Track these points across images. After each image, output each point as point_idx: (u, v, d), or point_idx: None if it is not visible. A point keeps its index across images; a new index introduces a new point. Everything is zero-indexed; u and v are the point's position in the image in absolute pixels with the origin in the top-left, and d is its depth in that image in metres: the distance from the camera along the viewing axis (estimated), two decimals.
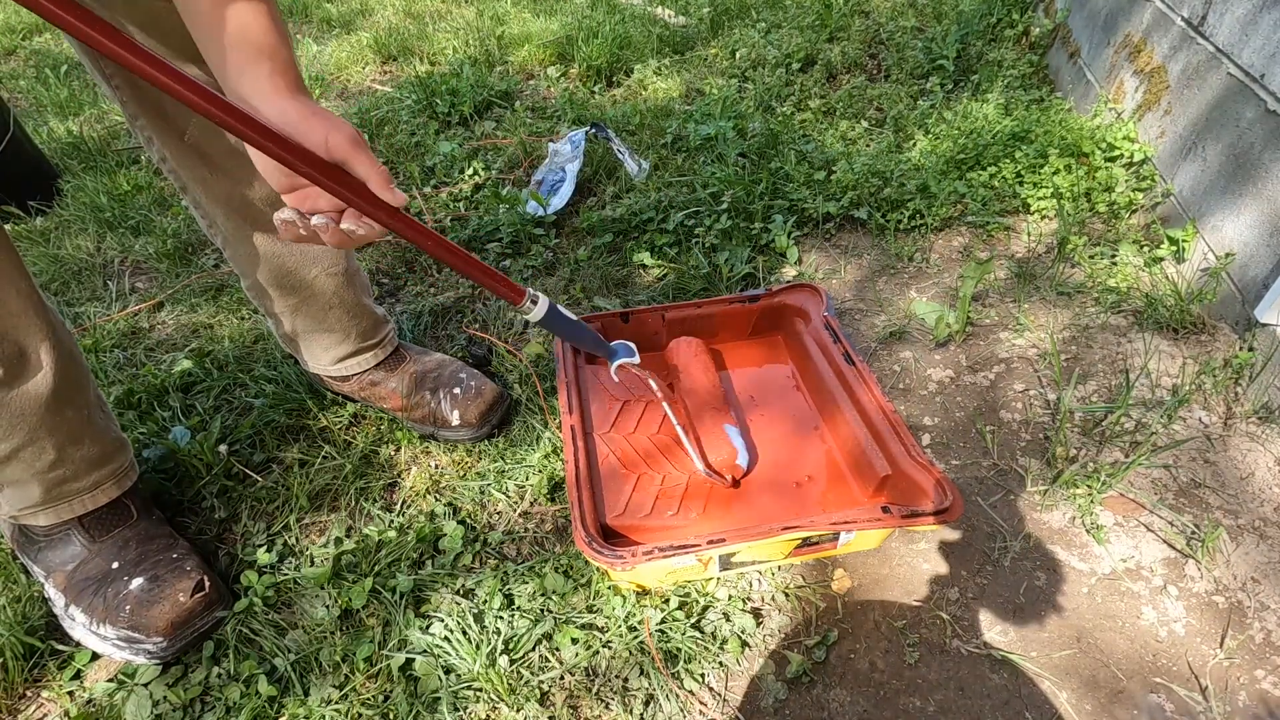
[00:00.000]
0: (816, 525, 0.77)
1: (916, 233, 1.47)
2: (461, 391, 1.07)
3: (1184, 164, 1.31)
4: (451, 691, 0.80)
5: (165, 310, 1.40)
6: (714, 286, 1.34)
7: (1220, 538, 0.91)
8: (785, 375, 1.10)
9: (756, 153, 1.65)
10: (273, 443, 1.09)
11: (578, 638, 0.84)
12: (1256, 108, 1.13)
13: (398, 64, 2.40)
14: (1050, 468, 1.01)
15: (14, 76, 2.53)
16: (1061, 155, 1.48)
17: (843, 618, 0.86)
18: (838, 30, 2.23)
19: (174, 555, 0.88)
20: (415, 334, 1.30)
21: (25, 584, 0.90)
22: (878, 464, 0.87)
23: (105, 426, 0.90)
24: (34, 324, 0.79)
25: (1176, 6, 1.40)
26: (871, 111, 1.87)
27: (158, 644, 0.81)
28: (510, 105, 2.02)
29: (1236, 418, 1.04)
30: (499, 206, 1.51)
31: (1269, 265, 1.07)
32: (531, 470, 1.03)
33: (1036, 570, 0.90)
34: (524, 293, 0.70)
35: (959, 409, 1.11)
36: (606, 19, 2.41)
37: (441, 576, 0.91)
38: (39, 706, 0.83)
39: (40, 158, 1.76)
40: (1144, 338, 1.18)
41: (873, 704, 0.79)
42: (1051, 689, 0.79)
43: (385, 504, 1.02)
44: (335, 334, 1.05)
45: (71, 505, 0.87)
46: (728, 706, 0.79)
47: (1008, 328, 1.24)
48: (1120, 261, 1.31)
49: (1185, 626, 0.83)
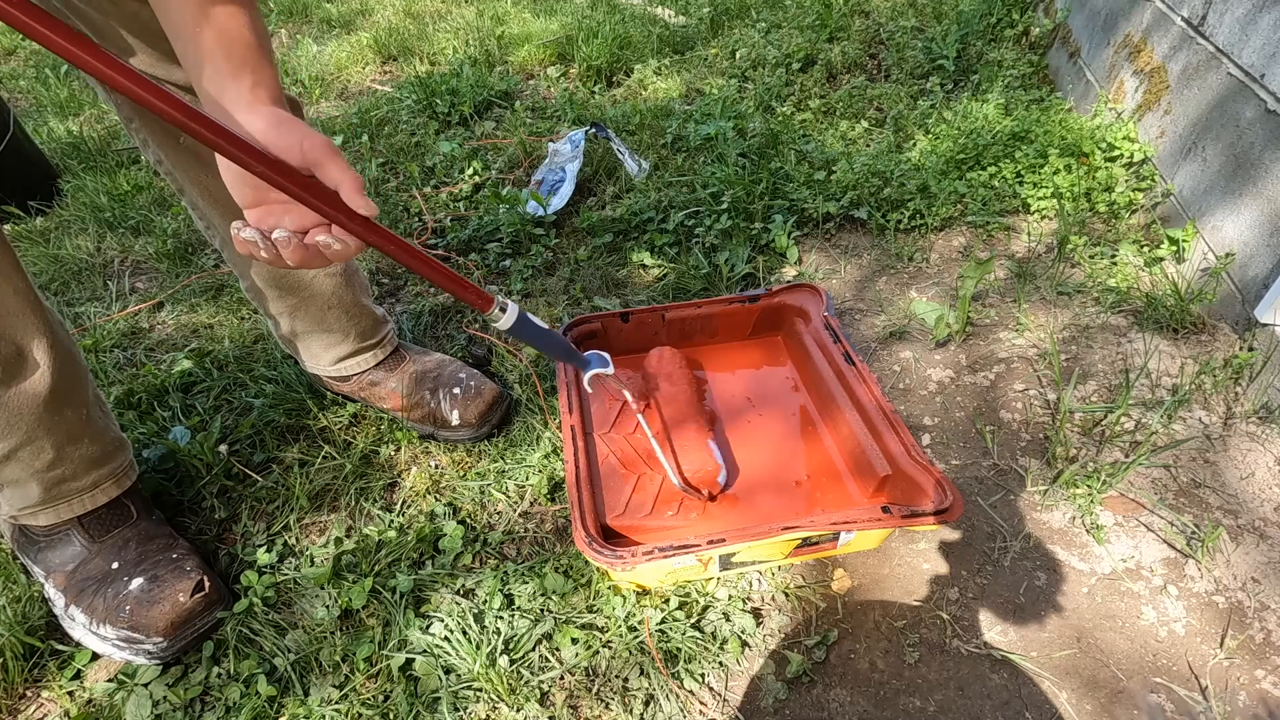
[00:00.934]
0: (816, 525, 0.77)
1: (916, 233, 1.47)
2: (461, 391, 1.07)
3: (1184, 164, 1.31)
4: (451, 691, 0.80)
5: (165, 310, 1.40)
6: (714, 286, 1.34)
7: (1220, 538, 0.91)
8: (785, 375, 1.10)
9: (756, 153, 1.65)
10: (273, 443, 1.09)
11: (578, 638, 0.84)
12: (1256, 107, 1.13)
13: (398, 64, 2.40)
14: (1050, 468, 1.01)
15: (14, 76, 2.53)
16: (1061, 155, 1.48)
17: (843, 618, 0.86)
18: (838, 30, 2.23)
19: (174, 555, 0.88)
20: (415, 334, 1.30)
21: (25, 584, 0.90)
22: (878, 464, 0.87)
23: (104, 426, 0.90)
24: (31, 323, 0.79)
25: (1176, 6, 1.40)
26: (871, 111, 1.87)
27: (158, 644, 0.81)
28: (510, 105, 2.02)
29: (1236, 418, 1.04)
30: (499, 206, 1.51)
31: (1269, 265, 1.07)
32: (531, 470, 1.03)
33: (1036, 570, 0.90)
34: (492, 300, 0.66)
35: (959, 409, 1.11)
36: (606, 19, 2.41)
37: (441, 576, 0.91)
38: (39, 706, 0.83)
39: (40, 158, 1.76)
40: (1144, 338, 1.18)
41: (873, 704, 0.79)
42: (1051, 689, 0.79)
43: (385, 504, 1.02)
44: (334, 334, 1.05)
45: (71, 505, 0.87)
46: (728, 706, 0.79)
47: (1008, 328, 1.24)
48: (1120, 261, 1.31)
49: (1185, 626, 0.83)
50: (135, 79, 0.44)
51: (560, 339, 0.77)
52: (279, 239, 0.54)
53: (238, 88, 0.54)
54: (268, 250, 0.54)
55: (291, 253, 0.54)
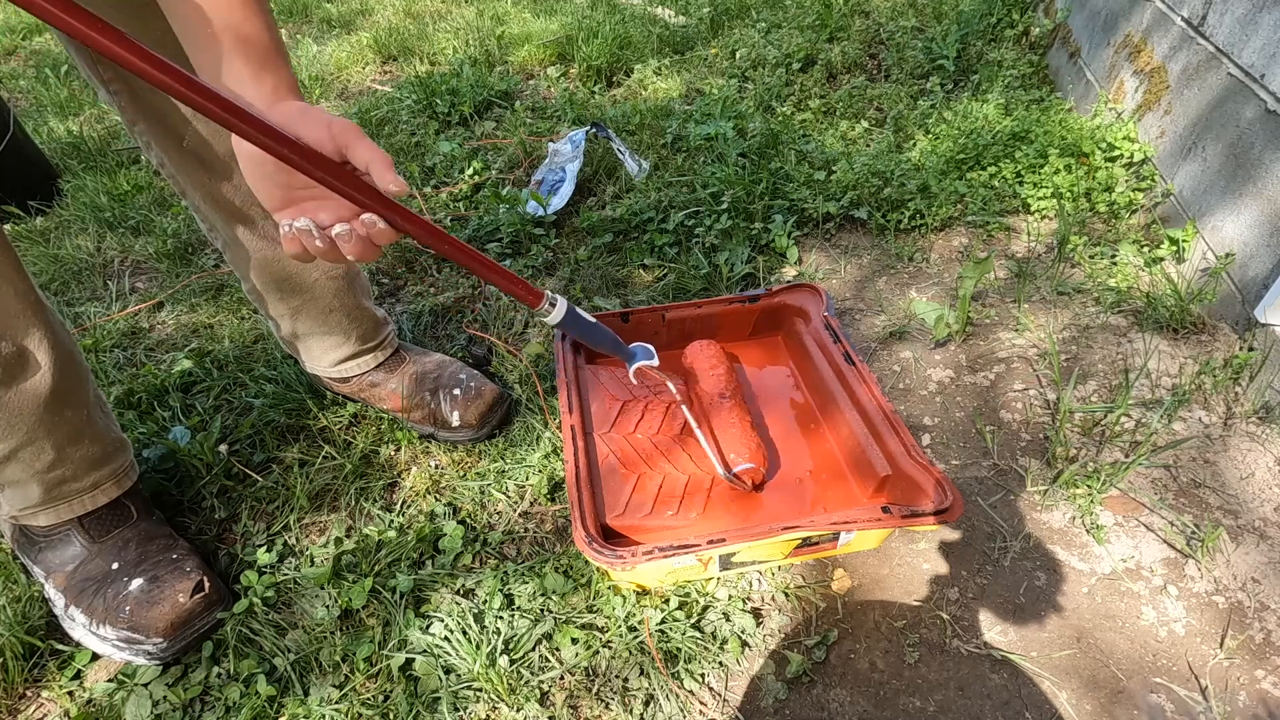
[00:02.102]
0: (816, 525, 0.77)
1: (916, 233, 1.47)
2: (461, 392, 1.07)
3: (1184, 164, 1.31)
4: (451, 691, 0.80)
5: (165, 310, 1.40)
6: (714, 286, 1.34)
7: (1220, 538, 0.91)
8: (785, 375, 1.10)
9: (756, 153, 1.65)
10: (273, 443, 1.09)
11: (578, 638, 0.84)
12: (1256, 107, 1.13)
13: (398, 64, 2.40)
14: (1050, 468, 1.01)
15: (14, 76, 2.53)
16: (1061, 155, 1.48)
17: (843, 618, 0.86)
18: (838, 30, 2.23)
19: (174, 556, 0.88)
20: (415, 334, 1.30)
21: (25, 584, 0.90)
22: (878, 464, 0.87)
23: (105, 426, 0.90)
24: (32, 323, 0.79)
25: (1176, 6, 1.40)
26: (871, 111, 1.87)
27: (158, 645, 0.81)
28: (510, 105, 2.02)
29: (1236, 418, 1.04)
30: (499, 206, 1.51)
31: (1269, 265, 1.07)
32: (531, 470, 1.03)
33: (1036, 570, 0.90)
34: (542, 295, 0.68)
35: (959, 409, 1.11)
36: (606, 19, 2.41)
37: (441, 576, 0.91)
38: (39, 706, 0.83)
39: (40, 158, 1.76)
40: (1144, 338, 1.18)
41: (873, 704, 0.79)
42: (1051, 689, 0.79)
43: (385, 504, 1.02)
44: (335, 336, 1.05)
45: (71, 505, 0.87)
46: (728, 706, 0.79)
47: (1008, 328, 1.24)
48: (1120, 261, 1.31)
49: (1185, 626, 0.83)
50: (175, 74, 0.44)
51: (608, 331, 0.78)
52: (339, 234, 0.53)
53: (259, 89, 0.54)
54: (323, 241, 0.54)
55: (352, 246, 0.54)
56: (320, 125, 0.51)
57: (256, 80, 0.54)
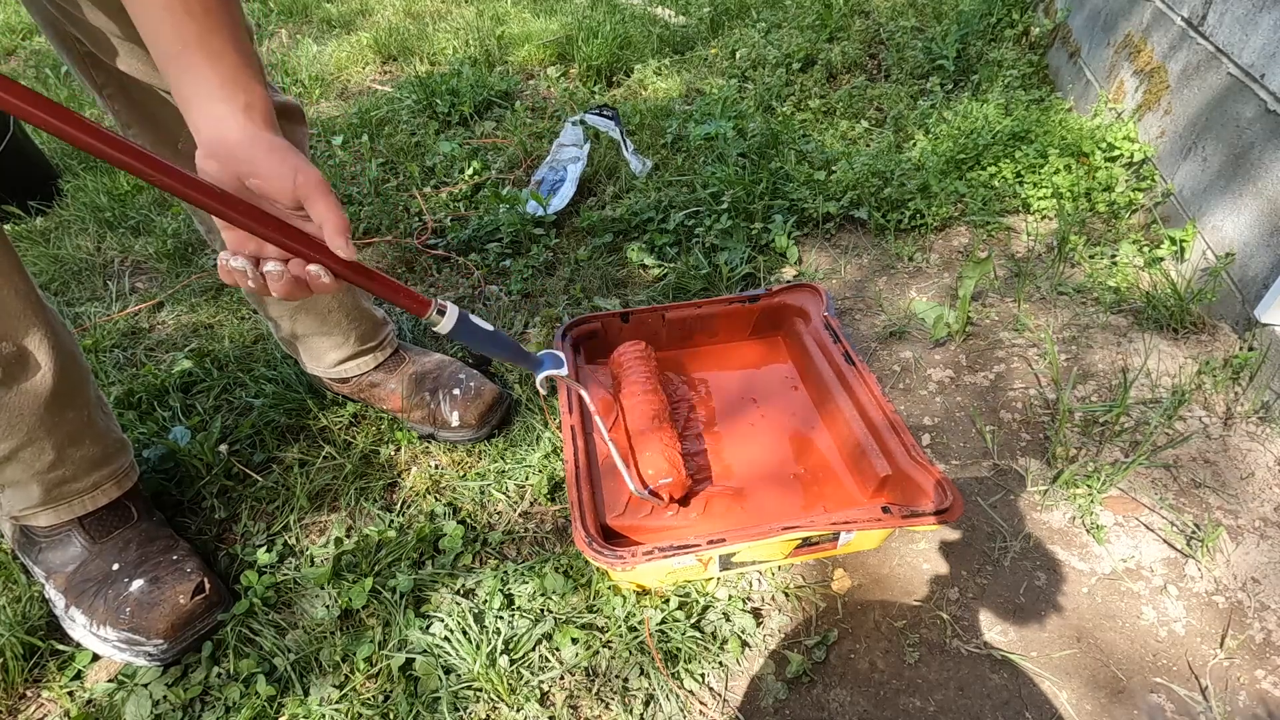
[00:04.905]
0: (816, 525, 0.77)
1: (916, 232, 1.47)
2: (461, 393, 1.07)
3: (1184, 163, 1.31)
4: (451, 691, 0.80)
5: (165, 310, 1.40)
6: (714, 286, 1.34)
7: (1220, 538, 0.91)
8: (785, 375, 1.10)
9: (756, 152, 1.65)
10: (273, 443, 1.09)
11: (578, 638, 0.84)
12: (1256, 107, 1.13)
13: (398, 64, 2.40)
14: (1050, 468, 1.01)
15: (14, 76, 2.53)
16: (1061, 155, 1.48)
17: (843, 618, 0.86)
18: (838, 30, 2.23)
19: (174, 557, 0.88)
20: (415, 334, 1.30)
21: (25, 584, 0.90)
22: (878, 464, 0.87)
23: (106, 427, 0.90)
24: (33, 324, 0.79)
25: (1176, 6, 1.40)
26: (871, 111, 1.87)
27: (158, 646, 0.81)
28: (510, 105, 2.02)
29: (1236, 418, 1.04)
30: (499, 206, 1.51)
31: (1269, 265, 1.07)
32: (531, 470, 1.03)
33: (1036, 570, 0.90)
34: (429, 303, 0.62)
35: (959, 409, 1.11)
36: (606, 19, 2.41)
37: (441, 576, 0.91)
38: (39, 706, 0.83)
39: (40, 158, 1.76)
40: (1144, 337, 1.18)
41: (873, 704, 0.79)
42: (1051, 689, 0.79)
43: (385, 504, 1.02)
44: (335, 337, 1.05)
45: (71, 506, 0.87)
46: (728, 706, 0.79)
47: (1008, 327, 1.24)
48: (1120, 261, 1.31)
49: (1185, 626, 0.83)
50: (125, 148, 0.46)
51: (508, 340, 0.70)
52: (270, 272, 0.54)
53: (229, 108, 0.53)
54: (255, 281, 0.54)
55: (281, 285, 0.54)
56: (286, 169, 0.51)
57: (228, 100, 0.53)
